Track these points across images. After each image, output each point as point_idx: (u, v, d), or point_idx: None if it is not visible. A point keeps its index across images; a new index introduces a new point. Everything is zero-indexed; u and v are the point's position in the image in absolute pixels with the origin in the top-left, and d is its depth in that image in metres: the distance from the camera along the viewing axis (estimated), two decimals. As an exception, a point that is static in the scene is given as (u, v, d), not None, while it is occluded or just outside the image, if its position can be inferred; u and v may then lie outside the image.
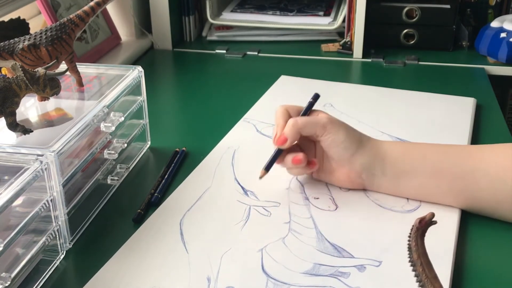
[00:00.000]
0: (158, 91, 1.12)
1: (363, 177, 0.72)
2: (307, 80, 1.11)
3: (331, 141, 0.71)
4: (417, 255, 0.49)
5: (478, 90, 1.08)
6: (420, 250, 0.49)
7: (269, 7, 1.41)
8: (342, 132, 0.71)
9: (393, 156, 0.71)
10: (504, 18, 1.25)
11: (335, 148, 0.71)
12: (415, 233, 0.50)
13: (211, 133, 0.92)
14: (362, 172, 0.72)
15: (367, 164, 0.71)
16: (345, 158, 0.71)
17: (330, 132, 0.70)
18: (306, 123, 0.71)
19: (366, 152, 0.71)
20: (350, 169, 0.72)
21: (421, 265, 0.49)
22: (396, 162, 0.71)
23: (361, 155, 0.71)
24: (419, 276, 0.49)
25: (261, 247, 0.65)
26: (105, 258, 0.64)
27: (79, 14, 0.78)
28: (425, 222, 0.50)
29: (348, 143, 0.71)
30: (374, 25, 1.27)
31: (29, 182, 0.58)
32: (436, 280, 0.48)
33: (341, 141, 0.70)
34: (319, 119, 0.71)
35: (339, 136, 0.70)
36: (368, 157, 0.71)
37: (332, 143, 0.71)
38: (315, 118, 0.72)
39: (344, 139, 0.70)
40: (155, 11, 1.31)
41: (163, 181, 0.78)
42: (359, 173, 0.72)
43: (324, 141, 0.71)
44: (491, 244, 0.67)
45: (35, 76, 0.67)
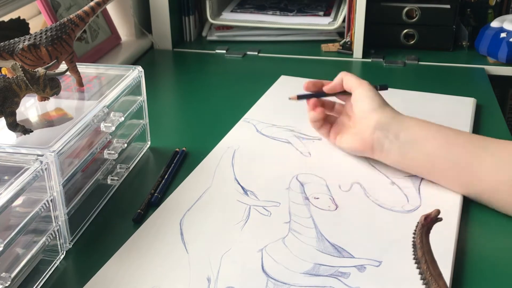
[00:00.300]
0: (158, 91, 1.12)
1: (375, 137, 0.75)
2: (307, 80, 1.11)
3: (360, 93, 0.78)
4: (421, 253, 0.49)
5: (478, 90, 1.08)
6: (425, 247, 0.49)
7: (269, 7, 1.41)
8: (373, 91, 0.79)
9: (410, 122, 0.75)
10: (504, 18, 1.25)
11: (361, 100, 0.78)
12: (420, 230, 0.49)
13: (211, 133, 0.92)
14: (376, 129, 0.75)
15: (383, 122, 0.75)
16: (366, 110, 0.77)
17: (364, 88, 0.79)
18: (350, 76, 0.82)
19: (386, 112, 0.76)
20: (366, 125, 0.76)
21: (426, 262, 0.49)
22: (411, 127, 0.74)
23: (381, 113, 0.76)
24: (424, 273, 0.49)
25: (261, 247, 0.65)
26: (105, 258, 0.64)
27: (79, 14, 0.78)
28: (431, 219, 0.49)
29: (374, 99, 0.77)
30: (374, 25, 1.27)
31: (29, 182, 0.58)
32: (440, 278, 0.48)
33: (368, 95, 0.78)
34: (360, 79, 0.81)
35: (368, 91, 0.78)
36: (385, 117, 0.75)
37: (360, 95, 0.78)
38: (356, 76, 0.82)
39: (372, 96, 0.78)
40: (155, 11, 1.31)
41: (163, 181, 0.78)
42: (373, 130, 0.75)
43: (356, 94, 0.79)
44: (492, 242, 0.67)
45: (35, 76, 0.67)
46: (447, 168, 0.72)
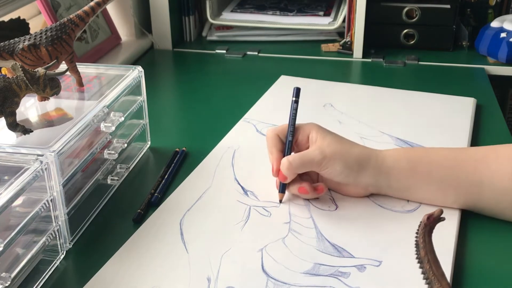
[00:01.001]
0: (158, 91, 1.12)
1: (370, 189, 0.73)
2: (307, 80, 1.11)
3: (329, 174, 0.70)
4: (424, 252, 0.49)
5: (478, 90, 1.08)
6: (428, 247, 0.49)
7: (269, 7, 1.41)
8: (338, 164, 0.69)
9: (398, 174, 0.70)
10: (504, 18, 1.25)
11: (336, 178, 0.71)
12: (423, 229, 0.49)
13: (211, 133, 0.92)
14: (368, 187, 0.72)
15: (373, 182, 0.71)
16: (348, 182, 0.71)
17: (326, 167, 0.70)
18: (300, 164, 0.70)
19: (369, 172, 0.70)
20: (355, 187, 0.72)
21: (428, 262, 0.49)
22: (401, 179, 0.71)
23: (364, 176, 0.70)
24: (426, 273, 0.49)
25: (261, 247, 0.65)
26: (105, 258, 0.64)
27: (79, 14, 0.78)
28: (434, 218, 0.49)
29: (347, 171, 0.70)
30: (374, 25, 1.27)
31: (29, 182, 0.58)
32: (443, 278, 0.48)
33: (339, 172, 0.70)
34: (313, 157, 0.70)
35: (336, 169, 0.69)
36: (372, 177, 0.71)
37: (331, 175, 0.71)
38: (308, 157, 0.70)
39: (342, 170, 0.70)
40: (155, 11, 1.31)
41: (163, 181, 0.78)
42: (366, 188, 0.72)
43: (323, 174, 0.71)
44: (492, 243, 0.67)
45: (35, 76, 0.67)
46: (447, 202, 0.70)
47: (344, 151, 0.70)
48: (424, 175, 0.70)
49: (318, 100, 1.02)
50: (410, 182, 0.71)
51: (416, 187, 0.71)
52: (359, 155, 0.71)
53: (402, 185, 0.71)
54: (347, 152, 0.70)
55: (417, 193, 0.71)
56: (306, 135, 0.73)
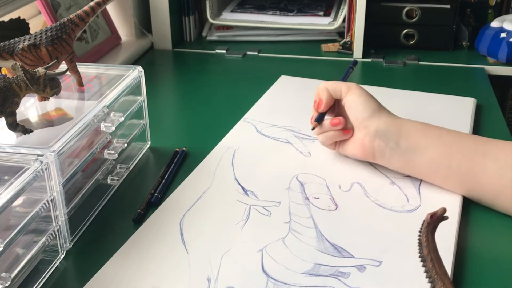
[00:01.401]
0: (158, 91, 1.12)
1: (376, 145, 0.74)
2: (307, 80, 1.11)
3: (352, 100, 0.76)
4: (427, 251, 0.49)
5: (478, 90, 1.08)
6: (431, 245, 0.49)
7: (269, 7, 1.41)
8: (364, 95, 0.76)
9: (409, 129, 0.73)
10: (504, 18, 1.25)
11: (354, 108, 0.75)
12: (426, 228, 0.49)
13: (211, 133, 0.92)
14: (376, 138, 0.74)
15: (383, 130, 0.74)
16: (362, 119, 0.75)
17: (354, 92, 0.76)
18: (334, 83, 0.78)
19: (383, 118, 0.74)
20: (365, 133, 0.75)
21: (431, 260, 0.49)
22: (411, 134, 0.73)
23: (378, 120, 0.74)
24: (429, 272, 0.48)
25: (261, 247, 0.65)
26: (105, 258, 0.64)
27: (79, 14, 0.78)
28: (437, 217, 0.49)
29: (368, 103, 0.75)
30: (374, 25, 1.27)
31: (29, 182, 0.58)
32: (446, 277, 0.48)
33: (361, 101, 0.75)
34: (347, 82, 0.78)
35: (360, 97, 0.76)
36: (384, 124, 0.74)
37: (353, 103, 0.76)
38: (341, 82, 0.79)
39: (365, 100, 0.75)
40: (155, 11, 1.31)
41: (163, 181, 0.78)
42: (373, 138, 0.74)
43: (347, 101, 0.76)
44: (492, 239, 0.67)
45: (35, 76, 0.67)
46: (449, 174, 0.71)
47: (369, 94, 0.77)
48: (434, 136, 0.73)
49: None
50: (419, 140, 0.72)
51: (423, 147, 0.72)
52: (379, 103, 0.77)
53: (410, 143, 0.72)
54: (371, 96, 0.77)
55: (423, 155, 0.72)
56: None
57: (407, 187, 0.75)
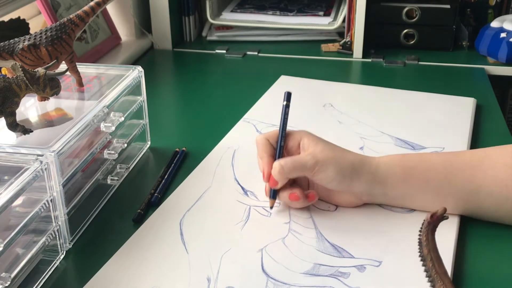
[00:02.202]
0: (158, 91, 1.12)
1: (364, 199, 0.71)
2: (307, 80, 1.11)
3: (322, 180, 0.68)
4: (427, 250, 0.49)
5: (478, 90, 1.08)
6: (431, 245, 0.49)
7: (269, 7, 1.41)
8: (331, 169, 0.67)
9: (393, 182, 0.69)
10: (504, 18, 1.25)
11: (329, 185, 0.69)
12: (426, 227, 0.49)
13: (211, 133, 0.92)
14: (363, 195, 0.70)
15: (367, 190, 0.69)
16: (341, 189, 0.69)
17: (319, 172, 0.67)
18: (293, 168, 0.68)
19: (363, 179, 0.68)
20: (350, 195, 0.70)
21: (431, 260, 0.49)
22: (397, 187, 0.69)
23: (358, 183, 0.68)
24: (429, 271, 0.48)
25: (261, 247, 0.65)
26: (105, 258, 0.64)
27: (79, 14, 0.78)
28: (437, 217, 0.49)
29: (340, 177, 0.68)
30: (374, 25, 1.27)
31: (29, 182, 0.58)
32: (445, 276, 0.48)
33: (332, 178, 0.68)
34: (305, 162, 0.68)
35: (328, 174, 0.67)
36: (366, 184, 0.69)
37: (324, 181, 0.68)
38: (301, 161, 0.68)
39: (335, 176, 0.67)
40: (155, 11, 1.31)
41: (163, 181, 0.78)
42: (360, 196, 0.71)
43: (315, 180, 0.69)
44: (492, 240, 0.67)
45: (35, 76, 0.67)
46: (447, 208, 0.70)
47: (338, 156, 0.68)
48: (420, 183, 0.68)
49: (318, 100, 1.02)
50: (406, 190, 0.69)
51: (412, 196, 0.69)
52: (352, 161, 0.69)
53: (398, 193, 0.69)
54: (340, 157, 0.68)
55: (414, 201, 0.70)
56: (297, 142, 0.71)
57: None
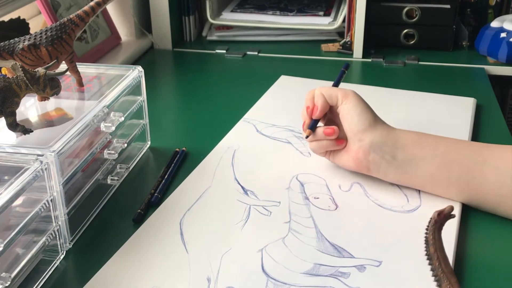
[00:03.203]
0: (158, 91, 1.12)
1: (370, 158, 0.72)
2: (307, 80, 1.11)
3: (348, 110, 0.73)
4: (433, 249, 0.48)
5: (478, 90, 1.08)
6: (437, 244, 0.49)
7: (269, 7, 1.41)
8: (361, 105, 0.73)
9: (405, 141, 0.71)
10: (504, 18, 1.25)
11: (350, 118, 0.73)
12: (433, 226, 0.49)
13: (211, 133, 0.92)
14: (371, 151, 0.72)
15: (378, 143, 0.71)
16: (356, 131, 0.72)
17: (350, 101, 0.73)
18: (331, 89, 0.75)
19: (378, 130, 0.72)
20: (359, 146, 0.72)
21: (438, 259, 0.48)
22: (407, 146, 0.71)
23: (373, 132, 0.72)
24: (435, 270, 0.48)
25: (261, 247, 0.65)
26: (105, 258, 0.64)
27: (79, 14, 0.78)
28: (444, 215, 0.49)
29: (365, 114, 0.72)
30: (374, 25, 1.27)
31: (29, 182, 0.58)
32: (452, 276, 0.48)
33: (356, 112, 0.72)
34: (343, 89, 0.75)
35: (356, 107, 0.73)
36: (379, 136, 0.72)
37: (348, 113, 0.73)
38: (338, 88, 0.76)
39: (362, 109, 0.73)
40: (155, 11, 1.31)
41: (163, 181, 0.78)
42: (368, 152, 0.72)
43: (342, 110, 0.74)
44: (491, 240, 0.67)
45: (35, 76, 0.67)
46: (449, 185, 0.70)
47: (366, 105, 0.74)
48: (430, 146, 0.71)
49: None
50: (415, 152, 0.71)
51: (420, 159, 0.70)
52: (377, 116, 0.74)
53: (407, 156, 0.71)
54: (368, 106, 0.74)
55: (420, 167, 0.71)
56: None
57: (407, 187, 0.75)
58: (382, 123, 0.74)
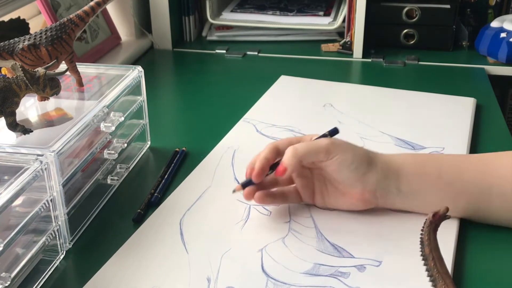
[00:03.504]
0: (158, 91, 1.12)
1: (377, 195, 0.67)
2: (307, 80, 1.11)
3: (339, 164, 0.65)
4: (429, 249, 0.49)
5: (478, 90, 1.08)
6: (433, 244, 0.49)
7: (269, 7, 1.41)
8: (349, 152, 0.65)
9: (407, 174, 0.67)
10: (504, 18, 1.25)
11: (344, 171, 0.65)
12: (428, 227, 0.49)
13: (211, 133, 0.92)
14: (377, 190, 0.67)
15: (382, 181, 0.66)
16: (356, 179, 0.66)
17: (336, 154, 0.65)
18: (307, 149, 0.65)
19: (379, 168, 0.66)
20: (363, 189, 0.67)
21: (433, 259, 0.48)
22: (411, 179, 0.67)
23: (374, 172, 0.66)
24: (430, 271, 0.48)
25: (261, 247, 0.65)
26: (105, 258, 0.64)
27: (79, 14, 0.78)
28: (439, 216, 0.49)
29: (357, 163, 0.65)
30: (374, 25, 1.27)
31: (29, 182, 0.58)
32: (447, 276, 0.48)
33: (350, 162, 0.65)
34: (320, 143, 0.65)
35: (346, 157, 0.65)
36: (381, 174, 0.66)
37: (340, 166, 0.65)
38: (315, 143, 0.66)
39: (353, 160, 0.65)
40: (155, 11, 1.31)
41: (163, 181, 0.78)
42: (374, 191, 0.67)
43: (330, 165, 0.66)
44: (491, 241, 0.67)
45: (35, 76, 0.67)
46: (455, 213, 0.68)
47: (352, 144, 0.68)
48: (433, 178, 0.67)
49: (318, 100, 1.02)
50: (419, 185, 0.67)
51: (426, 191, 0.67)
52: (366, 151, 0.68)
53: (411, 189, 0.67)
54: (355, 146, 0.68)
55: (427, 198, 0.67)
56: None
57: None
58: (376, 156, 0.68)
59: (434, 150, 0.84)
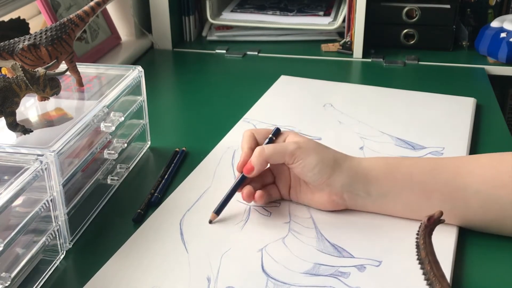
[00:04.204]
0: (158, 91, 1.12)
1: (345, 197, 0.68)
2: (307, 80, 1.11)
3: (302, 167, 0.67)
4: (425, 253, 0.49)
5: (478, 90, 1.08)
6: (428, 248, 0.49)
7: (269, 7, 1.41)
8: (313, 156, 0.66)
9: (376, 175, 0.67)
10: (504, 18, 1.25)
11: (308, 174, 0.67)
12: (423, 230, 0.49)
13: (211, 133, 0.92)
14: (344, 193, 0.67)
15: (348, 184, 0.67)
16: (322, 182, 0.67)
17: (300, 158, 0.66)
18: (273, 152, 0.67)
19: (344, 172, 0.67)
20: (330, 191, 0.68)
21: (429, 263, 0.49)
22: (380, 181, 0.66)
23: (340, 175, 0.67)
24: (427, 274, 0.49)
25: (261, 247, 0.65)
26: (105, 258, 0.64)
27: (79, 14, 0.78)
28: (434, 220, 0.50)
29: (321, 166, 0.66)
30: (374, 25, 1.27)
31: (29, 182, 0.58)
32: (443, 279, 0.48)
33: (313, 166, 0.66)
34: (287, 146, 0.67)
35: (310, 161, 0.66)
36: (348, 177, 0.67)
37: (304, 169, 0.67)
38: (282, 146, 0.68)
39: (316, 163, 0.66)
40: (155, 11, 1.31)
41: (163, 181, 0.78)
42: (341, 194, 0.68)
43: (295, 168, 0.67)
44: (491, 242, 0.67)
45: (35, 76, 0.67)
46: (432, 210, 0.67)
47: (320, 147, 0.68)
48: (404, 177, 0.66)
49: (318, 100, 1.02)
50: (389, 187, 0.66)
51: (397, 193, 0.66)
52: (334, 154, 0.68)
53: (381, 190, 0.67)
54: (323, 149, 0.68)
55: (398, 200, 0.66)
56: (283, 139, 0.71)
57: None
58: (344, 160, 0.68)
59: (434, 150, 0.84)
